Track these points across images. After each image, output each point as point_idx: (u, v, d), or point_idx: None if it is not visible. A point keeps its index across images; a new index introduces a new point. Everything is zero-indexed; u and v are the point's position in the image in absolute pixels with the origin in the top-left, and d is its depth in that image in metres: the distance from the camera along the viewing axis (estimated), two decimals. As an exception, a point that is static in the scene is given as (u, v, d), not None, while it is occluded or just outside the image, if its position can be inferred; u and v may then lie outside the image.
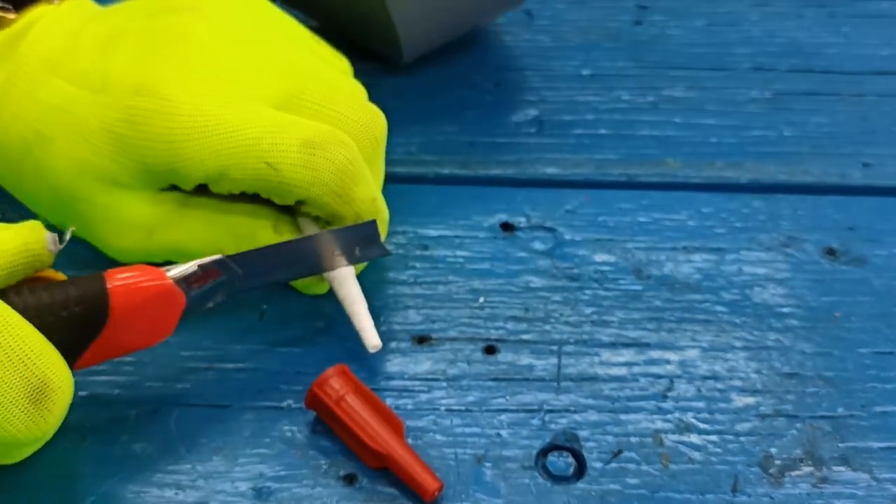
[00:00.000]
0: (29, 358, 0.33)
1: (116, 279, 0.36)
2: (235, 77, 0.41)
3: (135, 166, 0.40)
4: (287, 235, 0.41)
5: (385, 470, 0.37)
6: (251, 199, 0.41)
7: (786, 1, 0.62)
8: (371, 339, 0.40)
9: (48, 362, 0.33)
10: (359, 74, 0.46)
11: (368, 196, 0.41)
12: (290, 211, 0.42)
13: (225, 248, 0.40)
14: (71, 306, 0.35)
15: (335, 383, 0.38)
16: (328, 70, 0.44)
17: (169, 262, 0.39)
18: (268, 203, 0.41)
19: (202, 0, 0.44)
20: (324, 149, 0.39)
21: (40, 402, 0.33)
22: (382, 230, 0.42)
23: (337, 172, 0.40)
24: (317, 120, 0.41)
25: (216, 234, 0.41)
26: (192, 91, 0.40)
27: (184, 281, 0.37)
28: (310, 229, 0.42)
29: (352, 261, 0.41)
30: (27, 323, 0.34)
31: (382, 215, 0.42)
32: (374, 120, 0.43)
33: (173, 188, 0.41)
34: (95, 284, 0.36)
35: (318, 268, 0.41)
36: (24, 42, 0.43)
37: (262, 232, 0.41)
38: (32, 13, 0.44)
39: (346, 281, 0.41)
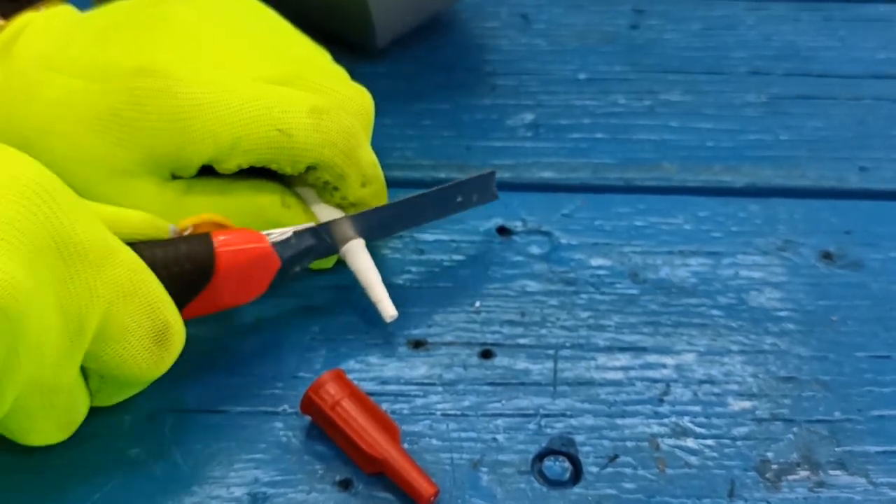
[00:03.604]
0: (156, 303, 0.36)
1: (222, 240, 0.38)
2: (233, 60, 0.42)
3: (140, 151, 0.40)
4: (295, 208, 0.42)
5: (381, 475, 0.37)
6: (251, 177, 0.42)
7: (782, 5, 0.62)
8: (387, 308, 0.41)
9: (170, 308, 0.36)
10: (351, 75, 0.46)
11: (371, 160, 0.43)
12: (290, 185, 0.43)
13: None
14: (181, 263, 0.37)
15: (331, 388, 0.38)
16: (316, 56, 0.45)
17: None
18: (271, 178, 0.42)
19: None
20: (329, 113, 0.41)
21: (162, 344, 0.36)
22: (383, 195, 0.44)
23: (344, 134, 0.41)
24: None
25: (224, 216, 0.41)
26: (195, 70, 0.41)
27: (280, 245, 0.40)
28: (312, 200, 0.43)
29: (468, 206, 0.45)
30: (152, 272, 0.36)
31: (382, 180, 0.44)
32: (366, 98, 0.45)
33: (176, 178, 0.41)
34: (204, 244, 0.38)
35: (433, 217, 0.44)
36: (18, 44, 0.43)
37: (271, 208, 0.42)
38: (21, 19, 0.44)
39: (358, 253, 0.42)
